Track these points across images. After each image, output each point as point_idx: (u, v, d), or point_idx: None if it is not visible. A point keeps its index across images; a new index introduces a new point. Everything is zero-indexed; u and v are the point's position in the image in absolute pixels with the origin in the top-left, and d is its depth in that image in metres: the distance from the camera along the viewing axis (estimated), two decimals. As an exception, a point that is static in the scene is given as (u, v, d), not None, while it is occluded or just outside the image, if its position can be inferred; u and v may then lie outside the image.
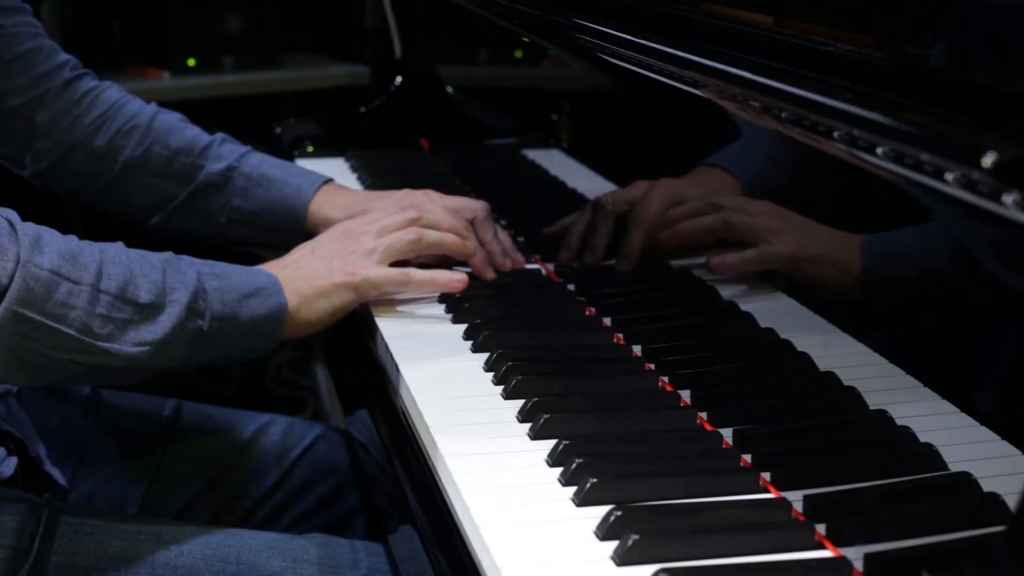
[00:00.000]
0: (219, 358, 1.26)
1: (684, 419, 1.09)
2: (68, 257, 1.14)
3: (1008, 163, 0.77)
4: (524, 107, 1.88)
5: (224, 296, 1.23)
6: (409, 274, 1.32)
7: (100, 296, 1.15)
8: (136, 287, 1.17)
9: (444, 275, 1.33)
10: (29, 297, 1.10)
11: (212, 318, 1.21)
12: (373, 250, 1.32)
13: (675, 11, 1.32)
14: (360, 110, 2.19)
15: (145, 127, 1.58)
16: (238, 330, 1.24)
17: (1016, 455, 0.89)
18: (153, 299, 1.18)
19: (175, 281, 1.20)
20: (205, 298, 1.21)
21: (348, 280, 1.30)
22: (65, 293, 1.12)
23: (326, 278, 1.29)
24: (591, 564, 0.87)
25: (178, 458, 1.55)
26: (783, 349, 1.16)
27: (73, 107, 1.56)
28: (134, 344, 1.16)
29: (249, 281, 1.26)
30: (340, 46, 3.20)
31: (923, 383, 1.01)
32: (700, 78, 1.18)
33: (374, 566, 1.28)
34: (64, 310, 1.12)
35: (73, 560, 1.22)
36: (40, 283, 1.11)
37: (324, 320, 1.30)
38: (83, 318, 1.13)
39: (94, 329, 1.14)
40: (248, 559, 1.26)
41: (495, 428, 1.08)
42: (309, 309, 1.29)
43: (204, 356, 1.23)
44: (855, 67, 0.99)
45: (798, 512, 0.93)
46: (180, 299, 1.19)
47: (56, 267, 1.12)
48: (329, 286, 1.29)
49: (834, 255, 1.12)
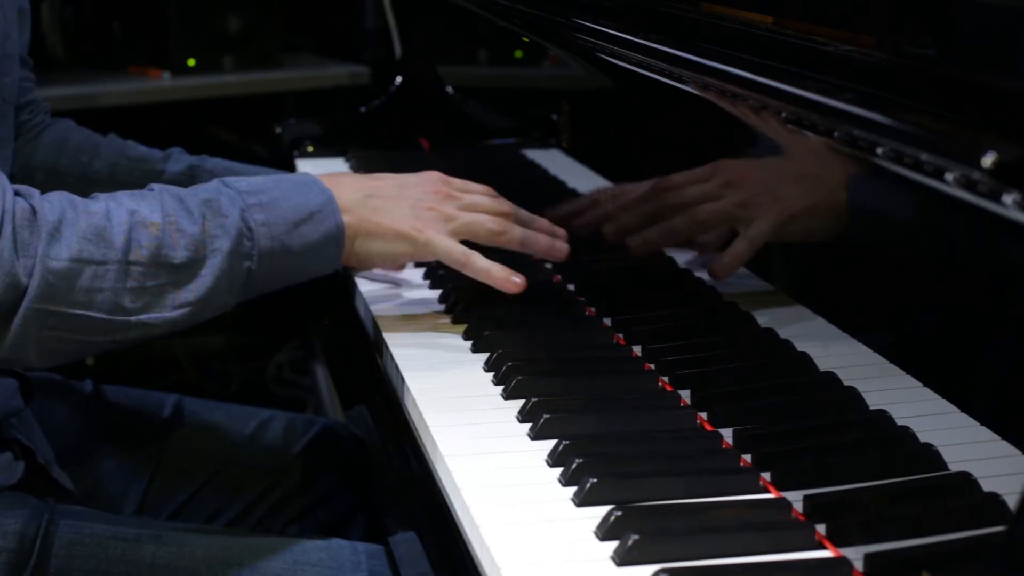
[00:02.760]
0: (278, 287, 1.22)
1: (684, 419, 1.09)
2: (91, 236, 1.10)
3: (1008, 163, 0.77)
4: (524, 107, 1.88)
5: (273, 229, 1.18)
6: (470, 257, 1.26)
7: (130, 268, 1.11)
8: (170, 248, 1.13)
9: (502, 272, 1.26)
10: (49, 292, 1.08)
11: (261, 256, 1.17)
12: (452, 219, 1.26)
13: (675, 11, 1.32)
14: (360, 110, 2.19)
15: (103, 143, 1.64)
16: (293, 259, 1.19)
17: (1016, 455, 0.89)
18: (190, 255, 1.13)
19: (215, 227, 1.15)
20: (251, 236, 1.16)
21: (412, 234, 1.25)
22: (89, 278, 1.09)
23: (395, 220, 1.25)
24: (591, 564, 0.87)
25: (179, 454, 1.55)
26: (783, 349, 1.16)
27: (31, 131, 1.61)
28: (174, 308, 1.13)
29: (301, 204, 1.20)
30: (340, 46, 3.20)
31: (923, 383, 1.01)
32: (700, 78, 1.18)
33: (374, 568, 1.28)
34: (90, 296, 1.10)
35: (74, 563, 1.22)
36: (59, 276, 1.08)
37: (372, 260, 1.27)
38: (112, 298, 1.10)
39: (126, 305, 1.11)
40: (249, 561, 1.25)
41: (495, 428, 1.08)
42: (363, 243, 1.24)
43: (259, 291, 1.20)
44: (855, 67, 0.99)
45: (798, 512, 0.93)
46: (222, 247, 1.15)
47: (77, 253, 1.09)
48: (392, 230, 1.24)
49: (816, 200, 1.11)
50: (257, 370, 3.12)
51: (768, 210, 1.18)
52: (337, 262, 1.24)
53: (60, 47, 2.94)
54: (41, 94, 1.67)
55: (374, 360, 1.31)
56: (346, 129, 2.14)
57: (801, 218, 1.14)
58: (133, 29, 3.07)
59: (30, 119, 1.62)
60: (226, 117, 3.11)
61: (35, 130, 1.62)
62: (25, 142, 1.61)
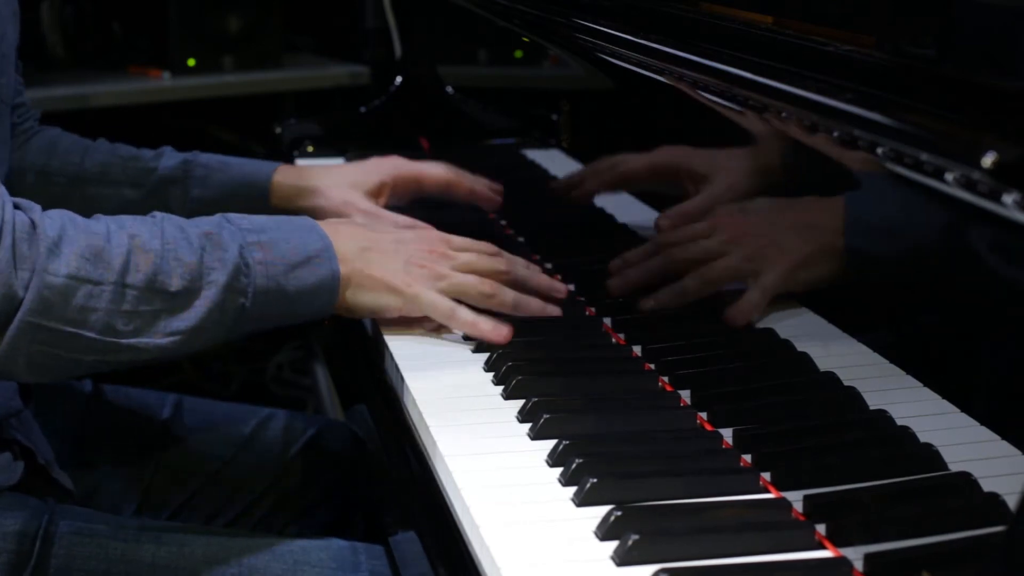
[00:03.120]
0: (269, 327, 1.23)
1: (684, 419, 1.09)
2: (90, 256, 1.11)
3: (1008, 163, 0.77)
4: (524, 107, 1.88)
5: (269, 269, 1.18)
6: (455, 311, 1.25)
7: (126, 291, 1.12)
8: (167, 275, 1.14)
9: (488, 323, 1.24)
10: (44, 307, 1.08)
11: (256, 293, 1.17)
12: (443, 277, 1.26)
13: (675, 11, 1.32)
14: (360, 110, 2.19)
15: (93, 145, 1.63)
16: (286, 301, 1.20)
17: (1016, 455, 0.89)
18: (186, 284, 1.14)
19: (213, 260, 1.16)
20: (248, 273, 1.17)
21: (402, 288, 1.25)
22: (84, 296, 1.10)
23: (387, 274, 1.25)
24: (591, 564, 0.87)
25: (179, 453, 1.55)
26: (783, 349, 1.17)
27: (19, 135, 1.61)
28: (165, 335, 1.14)
29: (300, 248, 1.21)
30: (340, 46, 3.20)
31: (923, 383, 1.01)
32: (700, 78, 1.18)
33: (375, 568, 1.28)
34: (84, 314, 1.10)
35: (74, 563, 1.22)
36: (55, 291, 1.09)
37: (360, 311, 1.27)
38: (105, 319, 1.11)
39: (118, 327, 1.12)
40: (249, 562, 1.25)
41: (495, 428, 1.08)
42: (354, 293, 1.25)
43: (249, 328, 1.20)
44: (855, 67, 0.99)
45: (798, 512, 0.93)
46: (218, 280, 1.16)
47: (74, 271, 1.10)
48: (383, 283, 1.25)
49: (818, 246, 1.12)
50: (257, 370, 3.12)
51: (776, 260, 1.19)
52: (329, 309, 1.24)
53: (60, 47, 2.94)
54: (41, 94, 1.67)
55: (374, 360, 1.31)
56: (346, 129, 2.14)
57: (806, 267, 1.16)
58: (133, 29, 3.07)
59: (20, 123, 1.61)
60: (226, 117, 3.11)
61: (24, 135, 1.62)
62: (15, 147, 1.60)
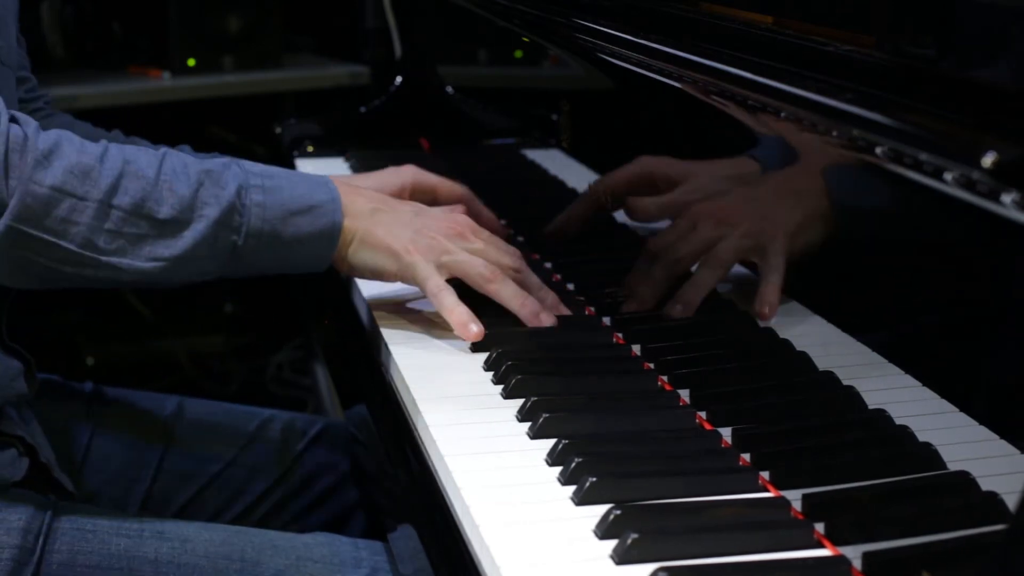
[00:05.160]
0: (266, 271, 1.25)
1: (683, 418, 1.09)
2: (78, 172, 1.15)
3: (1008, 163, 0.77)
4: (524, 107, 1.88)
5: (267, 212, 1.21)
6: (441, 293, 1.25)
7: (111, 211, 1.16)
8: (156, 202, 1.17)
9: (464, 315, 1.24)
10: (27, 213, 1.13)
11: (248, 234, 1.20)
12: (447, 252, 1.26)
13: (675, 11, 1.33)
14: (360, 110, 2.19)
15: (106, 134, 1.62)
16: (281, 246, 1.22)
17: (1015, 454, 0.89)
18: (175, 214, 1.17)
19: (209, 196, 1.19)
20: (243, 212, 1.20)
21: (401, 253, 1.26)
22: (67, 209, 1.14)
23: (391, 237, 1.26)
24: (590, 563, 0.87)
25: (180, 454, 1.56)
26: (782, 349, 1.17)
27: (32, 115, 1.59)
28: (148, 259, 1.17)
29: (304, 197, 1.23)
30: (340, 46, 3.20)
31: (922, 382, 1.01)
32: (700, 78, 1.18)
33: (376, 564, 1.28)
34: (64, 226, 1.14)
35: (76, 558, 1.22)
36: (38, 200, 1.13)
37: (358, 269, 1.28)
38: (86, 233, 1.15)
39: (99, 244, 1.15)
40: (251, 557, 1.26)
41: (495, 427, 1.08)
42: (356, 249, 1.26)
43: (245, 270, 1.23)
44: (855, 67, 0.99)
45: (797, 511, 0.93)
46: (209, 215, 1.18)
47: (59, 184, 1.14)
48: (384, 244, 1.26)
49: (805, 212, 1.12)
50: (257, 370, 3.13)
51: (772, 232, 1.19)
52: (326, 260, 1.25)
53: (60, 47, 2.94)
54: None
55: (374, 360, 1.31)
56: (346, 129, 2.14)
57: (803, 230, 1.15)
58: (133, 29, 3.07)
59: (29, 100, 1.60)
60: (226, 117, 3.11)
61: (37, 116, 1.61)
62: None
